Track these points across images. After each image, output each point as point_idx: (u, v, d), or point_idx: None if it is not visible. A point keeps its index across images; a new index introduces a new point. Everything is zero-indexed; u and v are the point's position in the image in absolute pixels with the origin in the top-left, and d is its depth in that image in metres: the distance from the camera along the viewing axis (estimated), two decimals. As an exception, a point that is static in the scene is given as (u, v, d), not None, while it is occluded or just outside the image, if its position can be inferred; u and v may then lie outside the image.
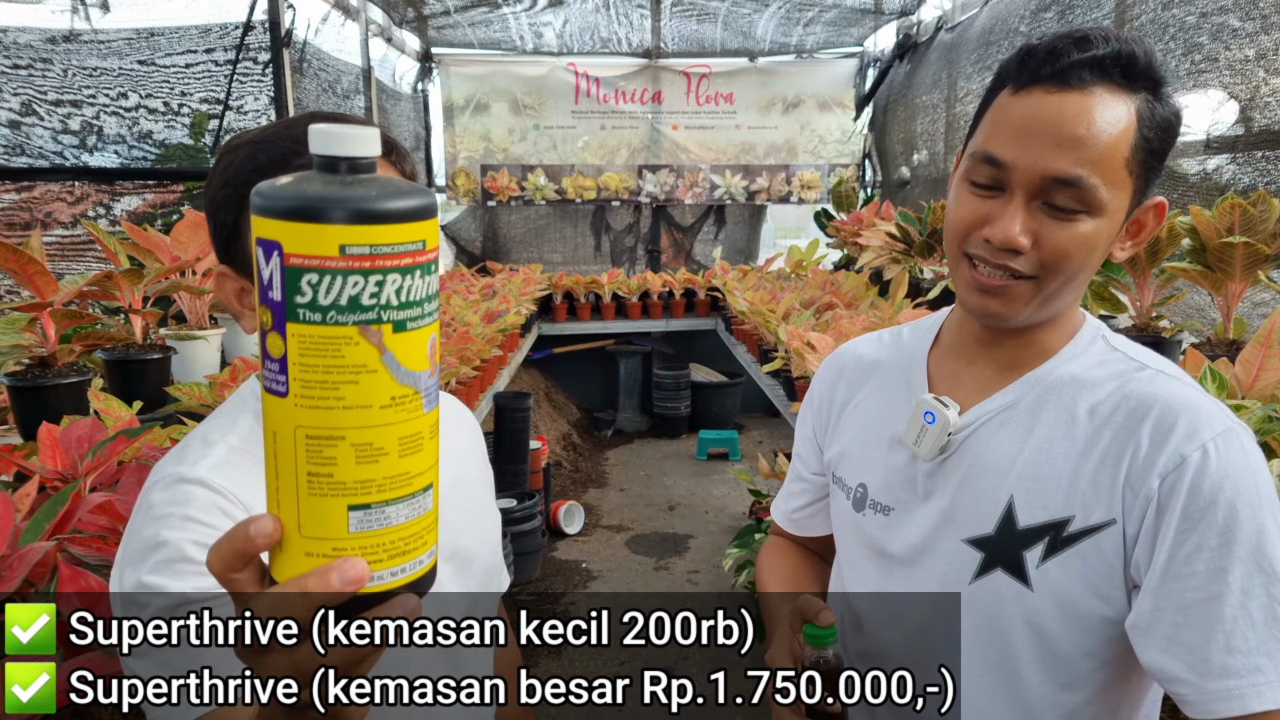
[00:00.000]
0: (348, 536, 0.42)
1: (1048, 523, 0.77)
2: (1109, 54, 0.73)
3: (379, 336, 0.40)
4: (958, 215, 0.79)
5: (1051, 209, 0.74)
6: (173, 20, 3.66)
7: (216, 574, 0.44)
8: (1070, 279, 0.76)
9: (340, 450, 0.41)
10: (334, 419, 0.40)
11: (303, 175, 0.42)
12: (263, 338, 0.42)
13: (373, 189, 0.40)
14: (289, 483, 0.42)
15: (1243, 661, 0.68)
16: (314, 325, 0.40)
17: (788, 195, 6.77)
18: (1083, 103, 0.72)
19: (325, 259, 0.39)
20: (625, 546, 4.44)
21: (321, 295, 0.39)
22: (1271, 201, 1.83)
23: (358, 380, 0.40)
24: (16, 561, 0.94)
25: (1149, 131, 0.74)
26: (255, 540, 0.42)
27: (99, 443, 1.36)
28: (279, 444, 0.41)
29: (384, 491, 0.42)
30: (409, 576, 0.44)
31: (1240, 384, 1.52)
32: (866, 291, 3.80)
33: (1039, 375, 0.82)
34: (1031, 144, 0.73)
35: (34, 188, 3.58)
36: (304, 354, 0.40)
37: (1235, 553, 0.69)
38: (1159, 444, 0.74)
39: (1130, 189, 0.75)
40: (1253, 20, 2.60)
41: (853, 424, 0.95)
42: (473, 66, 6.47)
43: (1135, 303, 2.14)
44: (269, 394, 0.42)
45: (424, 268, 0.41)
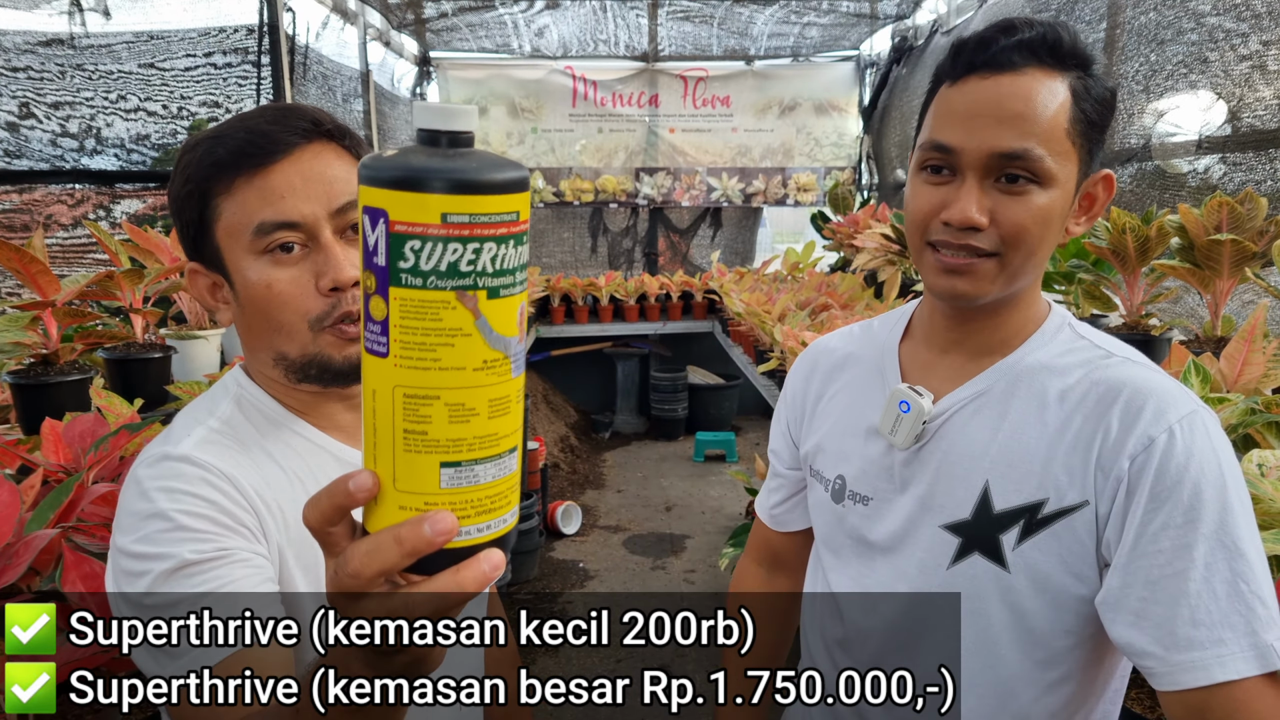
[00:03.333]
0: (439, 492, 0.44)
1: (1023, 506, 0.79)
2: (1035, 37, 0.77)
3: (475, 302, 0.42)
4: (916, 206, 0.83)
5: (1004, 185, 0.77)
6: (172, 23, 3.68)
7: (313, 527, 0.45)
8: (1030, 253, 0.79)
9: (435, 409, 0.43)
10: (430, 379, 0.43)
11: (407, 148, 0.43)
12: (366, 301, 0.44)
13: (473, 161, 0.42)
14: (386, 439, 0.44)
15: (1207, 634, 0.70)
16: (415, 289, 0.42)
17: (784, 198, 6.80)
18: (1018, 82, 0.76)
19: (428, 226, 0.41)
20: (622, 546, 4.45)
21: (423, 261, 0.41)
22: (1258, 200, 1.86)
23: (454, 343, 0.42)
24: (23, 548, 0.96)
25: (1085, 105, 0.77)
26: (355, 495, 0.44)
27: (101, 437, 1.38)
28: (378, 402, 0.44)
29: (474, 450, 0.44)
30: (494, 533, 0.46)
31: (1225, 378, 1.55)
32: (862, 293, 3.82)
33: (1009, 363, 0.85)
34: (976, 126, 0.77)
35: (34, 190, 3.59)
36: (405, 317, 0.42)
37: (1200, 530, 0.72)
38: (1128, 427, 0.76)
39: (1076, 160, 0.78)
40: (1244, 21, 2.63)
41: (828, 417, 0.97)
42: (470, 70, 6.49)
43: (1125, 301, 2.17)
44: (370, 355, 0.44)
45: (517, 238, 0.44)
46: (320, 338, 0.79)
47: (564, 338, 6.10)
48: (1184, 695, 0.71)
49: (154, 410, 1.95)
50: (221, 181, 0.77)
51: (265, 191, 0.76)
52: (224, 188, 0.77)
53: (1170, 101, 2.94)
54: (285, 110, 0.79)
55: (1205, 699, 0.70)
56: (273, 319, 0.78)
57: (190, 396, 1.97)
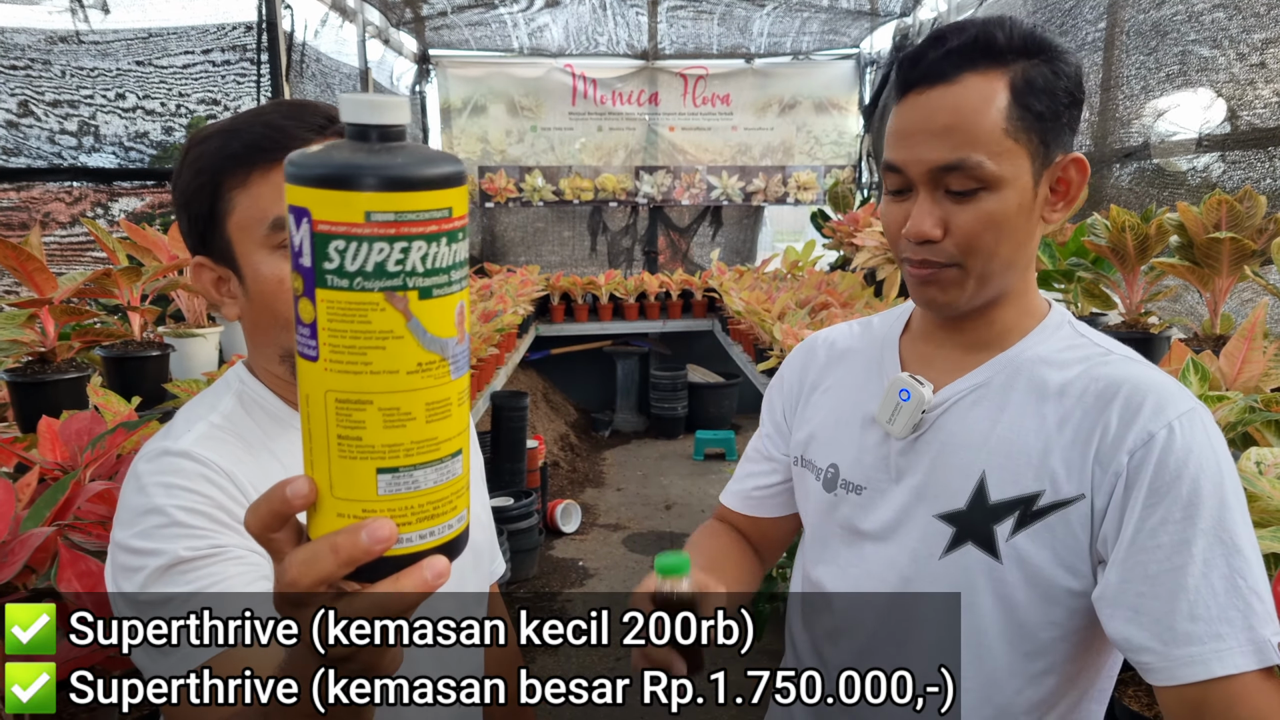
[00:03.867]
0: (377, 499, 0.43)
1: (1018, 497, 0.79)
2: (965, 42, 0.78)
3: (405, 303, 0.41)
4: (886, 224, 0.86)
5: (952, 195, 0.79)
6: (170, 21, 3.68)
7: (255, 534, 0.45)
8: (992, 256, 0.80)
9: (368, 414, 0.41)
10: (362, 383, 0.41)
11: (334, 144, 0.42)
12: (295, 304, 0.42)
13: (399, 156, 0.41)
14: (321, 445, 0.43)
15: (1205, 629, 0.70)
16: (341, 291, 0.40)
17: (784, 196, 6.80)
18: (948, 94, 0.77)
19: (351, 225, 0.39)
20: (622, 545, 4.45)
21: (348, 261, 0.40)
22: (1257, 198, 1.86)
23: (385, 346, 0.41)
24: (18, 546, 0.96)
25: (1027, 99, 0.77)
26: (291, 501, 0.43)
27: (98, 435, 1.37)
28: (311, 407, 0.43)
29: (412, 456, 0.42)
30: (438, 540, 0.45)
31: (1225, 377, 1.54)
32: (861, 291, 3.82)
33: (1010, 356, 0.85)
34: (913, 143, 0.79)
35: (32, 188, 3.59)
36: (333, 319, 0.41)
37: (1198, 525, 0.72)
38: (1127, 422, 0.76)
39: (1025, 154, 0.78)
40: (1243, 19, 2.62)
41: (822, 407, 0.97)
42: (470, 68, 6.49)
43: (1125, 299, 2.16)
44: (302, 359, 0.43)
45: (450, 235, 0.42)
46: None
47: (563, 336, 6.10)
48: (1181, 690, 0.71)
49: (152, 408, 1.94)
50: (236, 175, 0.77)
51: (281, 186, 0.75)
52: (239, 181, 0.77)
53: (1170, 100, 2.94)
54: (300, 105, 0.80)
55: (1203, 694, 0.70)
56: (282, 314, 0.78)
57: (188, 395, 1.96)
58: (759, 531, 1.04)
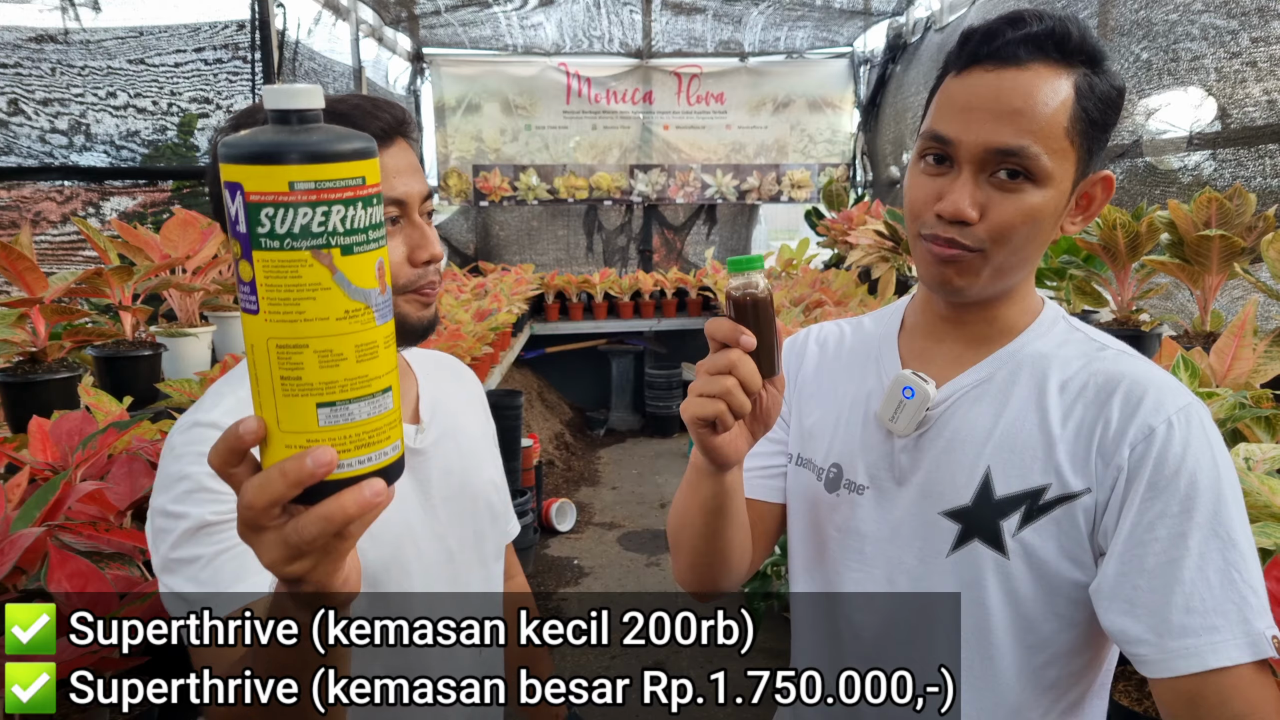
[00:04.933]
0: (318, 430, 0.49)
1: (1024, 491, 0.79)
2: (1042, 31, 0.76)
3: (329, 259, 0.47)
4: (913, 196, 0.82)
5: (998, 180, 0.77)
6: (161, 19, 3.67)
7: (217, 469, 0.50)
8: (1017, 250, 0.79)
9: (306, 356, 0.48)
10: (298, 330, 0.48)
11: (259, 128, 0.48)
12: (235, 266, 0.48)
13: (315, 134, 0.47)
14: (267, 387, 0.49)
15: (1200, 621, 0.71)
16: (274, 251, 0.47)
17: (778, 195, 6.80)
18: (1020, 77, 0.76)
19: (278, 194, 0.46)
20: (617, 543, 4.46)
21: (278, 225, 0.46)
22: (1247, 196, 1.86)
23: (315, 296, 0.47)
24: (8, 547, 0.96)
25: (1088, 103, 0.77)
26: (244, 437, 0.49)
27: (89, 435, 1.37)
28: (256, 355, 0.49)
29: (346, 391, 0.49)
30: (376, 465, 0.51)
31: (1215, 373, 1.55)
32: (855, 289, 3.83)
33: (1009, 352, 0.85)
34: (974, 119, 0.76)
35: (23, 187, 3.58)
36: (268, 276, 0.47)
37: (1195, 519, 0.72)
38: (1128, 417, 0.77)
39: (1074, 159, 0.78)
40: (1234, 18, 2.63)
41: (819, 404, 0.96)
42: (464, 67, 6.48)
43: (1116, 297, 2.17)
44: (245, 314, 0.49)
45: (365, 200, 0.49)
46: (401, 302, 0.87)
47: (558, 335, 6.10)
48: (1176, 682, 0.71)
49: (143, 408, 1.94)
50: None
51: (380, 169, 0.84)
52: None
53: (1161, 98, 2.95)
54: (379, 101, 0.87)
55: (1198, 685, 0.70)
56: None
57: (180, 394, 1.96)
58: (755, 515, 0.99)
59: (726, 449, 0.78)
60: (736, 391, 0.73)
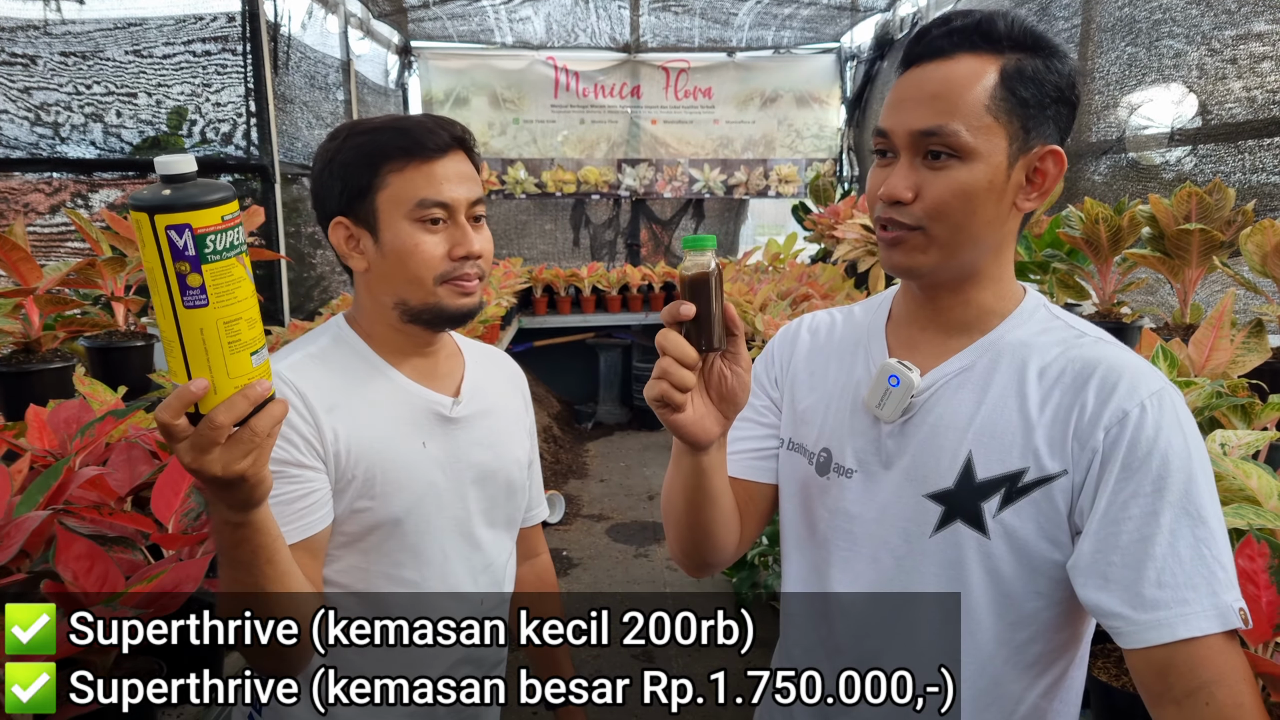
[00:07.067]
0: (253, 370, 0.73)
1: (1004, 474, 0.83)
2: (967, 25, 0.83)
3: (243, 260, 0.72)
4: (868, 188, 0.89)
5: (929, 161, 0.83)
6: (150, 10, 3.65)
7: (165, 421, 0.71)
8: (960, 226, 0.83)
9: (242, 325, 0.71)
10: (236, 309, 0.71)
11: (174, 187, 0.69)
12: (184, 278, 0.68)
13: (216, 189, 0.70)
14: (217, 351, 0.71)
15: (1171, 594, 0.74)
16: (217, 262, 0.69)
17: (766, 189, 6.83)
18: (942, 67, 0.83)
19: (215, 226, 0.69)
20: (605, 535, 4.48)
21: (218, 245, 0.69)
22: (1226, 191, 1.91)
23: (241, 284, 0.71)
24: (14, 530, 0.97)
25: (1014, 83, 0.82)
26: (195, 392, 0.70)
27: (88, 423, 1.38)
28: (207, 334, 0.70)
29: (257, 343, 0.73)
30: (272, 390, 0.75)
31: (1193, 364, 1.59)
32: (842, 283, 3.86)
33: (990, 340, 0.88)
34: (903, 109, 0.84)
35: (11, 178, 3.56)
36: (215, 279, 0.70)
37: (1166, 498, 0.76)
38: (1103, 401, 0.80)
39: (1003, 135, 0.82)
40: (1215, 16, 2.68)
41: (811, 390, 0.99)
42: (452, 60, 6.46)
43: (1098, 290, 2.21)
44: (195, 309, 0.69)
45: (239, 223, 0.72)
46: (440, 289, 1.03)
47: (546, 328, 6.10)
48: (1149, 652, 0.75)
49: (136, 399, 1.95)
50: (396, 161, 1.01)
51: (430, 176, 1.02)
52: (397, 166, 1.01)
53: (1143, 95, 2.99)
54: (440, 120, 1.05)
55: (1169, 655, 0.74)
56: (410, 270, 1.02)
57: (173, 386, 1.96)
58: (746, 495, 1.02)
59: (693, 428, 0.83)
60: (672, 368, 0.78)
